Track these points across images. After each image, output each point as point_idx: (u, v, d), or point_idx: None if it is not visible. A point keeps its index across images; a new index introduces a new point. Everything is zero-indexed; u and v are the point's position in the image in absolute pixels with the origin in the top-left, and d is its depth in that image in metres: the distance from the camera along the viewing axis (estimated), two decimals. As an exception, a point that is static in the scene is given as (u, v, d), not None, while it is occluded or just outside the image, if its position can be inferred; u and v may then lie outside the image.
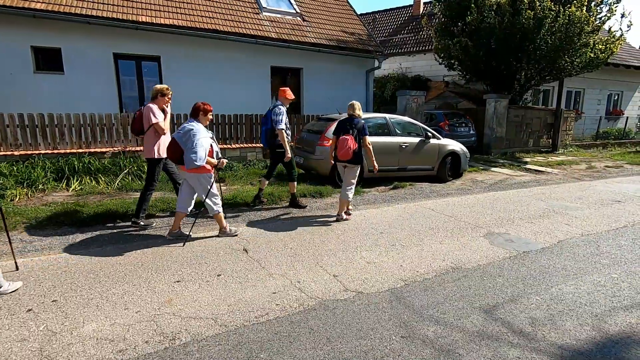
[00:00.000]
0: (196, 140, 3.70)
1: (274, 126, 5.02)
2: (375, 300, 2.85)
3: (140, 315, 2.58)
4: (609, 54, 11.09)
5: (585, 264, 3.61)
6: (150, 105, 4.34)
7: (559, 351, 2.27)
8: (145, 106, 4.37)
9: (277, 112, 5.03)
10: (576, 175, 8.91)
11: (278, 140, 5.07)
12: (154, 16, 8.49)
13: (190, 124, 3.87)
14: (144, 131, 4.33)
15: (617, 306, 2.82)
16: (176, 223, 4.11)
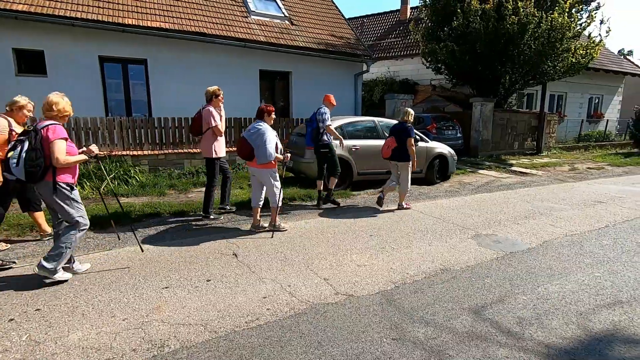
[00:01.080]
0: (266, 138, 4.19)
1: (320, 125, 5.47)
2: (365, 303, 2.86)
3: (128, 323, 2.53)
4: (590, 59, 11.42)
5: (569, 263, 3.69)
6: (210, 108, 4.68)
7: (546, 350, 2.31)
8: (204, 109, 4.69)
9: (322, 112, 5.53)
10: (560, 177, 9.13)
11: (323, 140, 5.53)
12: (141, 19, 8.39)
13: (258, 124, 4.34)
14: (202, 132, 4.67)
15: (600, 304, 2.89)
16: (255, 217, 4.57)
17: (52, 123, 2.94)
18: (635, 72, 20.29)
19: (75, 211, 3.06)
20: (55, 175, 2.93)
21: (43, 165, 2.84)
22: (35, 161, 2.80)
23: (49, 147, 2.86)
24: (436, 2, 11.98)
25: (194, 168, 7.81)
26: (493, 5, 10.37)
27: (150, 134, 7.77)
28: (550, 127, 14.56)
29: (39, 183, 2.93)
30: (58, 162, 2.87)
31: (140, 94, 9.16)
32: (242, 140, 4.33)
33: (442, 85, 15.13)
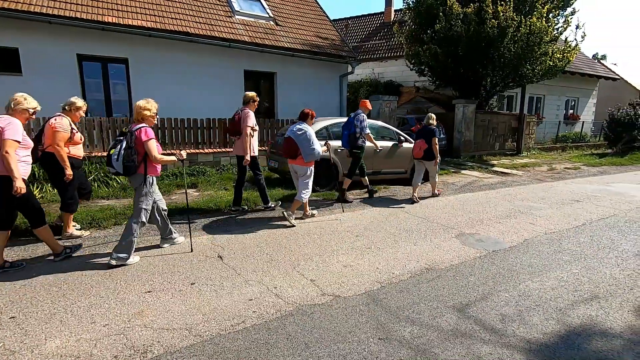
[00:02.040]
0: (313, 139, 4.76)
1: (359, 131, 5.92)
2: (352, 303, 2.87)
3: (109, 329, 2.46)
4: (566, 62, 11.82)
5: (549, 261, 3.80)
6: (248, 110, 5.06)
7: (528, 345, 2.37)
8: (242, 111, 5.06)
9: (360, 119, 5.98)
10: (539, 177, 9.39)
11: (358, 143, 5.93)
12: (122, 17, 8.20)
13: (302, 125, 4.85)
14: (240, 132, 5.01)
15: (578, 300, 2.98)
16: (294, 207, 4.95)
17: (143, 125, 3.49)
18: (608, 76, 21.12)
19: (144, 204, 3.56)
20: (147, 170, 3.49)
21: (136, 160, 3.39)
22: (130, 157, 3.36)
23: (142, 146, 3.42)
24: (419, 5, 12.17)
25: (177, 169, 7.67)
26: (474, 9, 10.61)
27: (132, 134, 7.58)
28: (530, 129, 14.97)
29: (133, 175, 3.49)
30: (156, 159, 3.48)
31: (122, 93, 8.95)
32: (289, 139, 4.81)
33: (425, 87, 15.36)
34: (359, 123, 5.93)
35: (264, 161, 8.47)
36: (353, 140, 5.95)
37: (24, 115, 3.35)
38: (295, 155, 4.81)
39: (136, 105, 3.60)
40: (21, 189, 3.06)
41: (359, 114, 6.06)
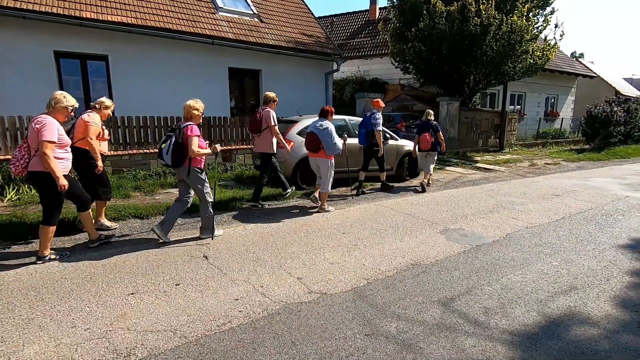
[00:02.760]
0: (334, 135, 5.24)
1: (373, 129, 6.30)
2: (339, 300, 2.88)
3: (90, 333, 2.40)
4: (546, 60, 12.10)
5: (530, 254, 3.90)
6: (269, 109, 5.34)
7: (510, 337, 2.43)
8: (264, 110, 5.36)
9: (376, 117, 6.36)
10: (520, 172, 9.62)
11: (375, 140, 6.37)
12: (101, 12, 7.97)
13: (324, 122, 5.33)
14: (261, 130, 5.33)
15: (558, 291, 3.07)
16: (324, 199, 5.45)
17: (190, 123, 3.92)
18: (586, 74, 21.76)
19: (203, 189, 4.05)
20: (191, 163, 3.89)
21: (183, 154, 3.82)
22: (180, 150, 3.80)
23: (187, 141, 3.80)
24: (403, 3, 12.25)
25: (160, 169, 7.53)
26: (457, 7, 10.74)
27: (113, 133, 7.40)
28: (512, 125, 15.30)
29: (179, 167, 3.92)
30: (193, 153, 3.85)
31: (101, 91, 8.69)
32: (312, 134, 5.30)
33: (410, 85, 15.51)
34: (375, 121, 6.34)
35: (249, 159, 8.42)
36: (370, 137, 6.40)
37: (63, 113, 3.51)
38: (318, 149, 5.28)
39: (186, 104, 4.06)
40: (64, 186, 3.33)
41: (374, 112, 6.46)
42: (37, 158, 3.29)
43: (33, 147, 3.33)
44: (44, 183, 3.36)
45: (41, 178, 3.34)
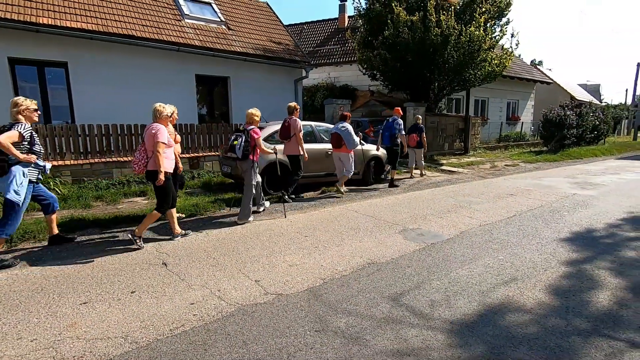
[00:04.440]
0: (352, 133, 6.79)
1: (397, 133, 7.69)
2: (294, 300, 2.96)
3: (37, 344, 2.37)
4: (503, 68, 12.81)
5: (479, 250, 4.14)
6: (295, 118, 6.24)
7: (450, 326, 2.60)
8: (290, 119, 6.23)
9: (399, 122, 7.76)
10: (482, 174, 10.09)
11: (396, 142, 7.73)
12: (59, 18, 7.77)
13: (344, 124, 6.82)
14: (290, 137, 6.21)
15: (499, 283, 3.29)
16: (342, 182, 6.98)
17: (253, 127, 5.14)
18: (543, 80, 23.11)
19: (253, 180, 5.20)
20: (254, 157, 5.12)
21: (249, 150, 4.99)
22: (247, 147, 4.98)
23: (254, 141, 5.04)
24: (369, 12, 12.64)
25: (124, 177, 7.38)
26: (419, 17, 11.21)
27: (73, 142, 7.20)
28: (475, 129, 15.99)
29: (245, 160, 5.05)
30: (262, 150, 5.27)
31: (61, 99, 8.45)
32: (336, 134, 6.78)
33: (380, 91, 15.92)
34: (398, 126, 7.67)
35: (217, 166, 8.39)
36: (393, 139, 7.72)
37: (167, 120, 4.43)
38: (340, 145, 6.74)
39: (248, 112, 5.23)
40: (162, 180, 4.01)
41: (396, 119, 7.79)
42: (153, 159, 4.08)
43: (150, 150, 4.12)
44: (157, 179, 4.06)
45: (156, 175, 4.04)
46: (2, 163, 3.52)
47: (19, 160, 3.57)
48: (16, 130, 3.56)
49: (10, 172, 3.56)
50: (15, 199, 3.53)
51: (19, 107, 3.72)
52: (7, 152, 3.45)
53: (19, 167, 3.61)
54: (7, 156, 3.52)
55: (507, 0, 12.41)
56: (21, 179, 3.61)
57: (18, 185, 3.55)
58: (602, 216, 5.56)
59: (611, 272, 3.52)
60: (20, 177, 3.60)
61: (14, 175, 3.55)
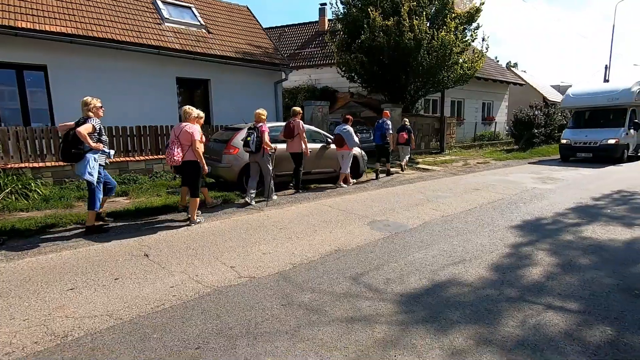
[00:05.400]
0: (353, 135, 7.81)
1: (386, 132, 9.11)
2: (264, 282, 3.30)
3: (28, 322, 2.63)
4: (474, 71, 13.46)
5: (437, 237, 4.57)
6: (299, 120, 7.09)
7: (400, 298, 2.98)
8: (294, 121, 7.03)
9: (388, 123, 9.20)
10: (454, 171, 10.63)
11: (387, 141, 9.15)
12: (38, 22, 7.88)
13: (346, 126, 7.85)
14: (294, 136, 6.96)
15: (449, 263, 3.71)
16: (342, 178, 8.05)
17: (262, 124, 6.17)
18: (516, 82, 24.09)
19: (270, 167, 6.33)
20: (263, 149, 6.12)
21: (261, 143, 6.02)
22: (259, 142, 6.02)
23: (262, 136, 6.04)
24: (347, 17, 13.09)
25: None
26: (394, 22, 11.71)
27: (54, 144, 7.32)
28: (451, 129, 16.66)
29: (257, 153, 6.10)
30: (267, 144, 6.13)
31: (40, 102, 8.53)
32: (339, 135, 7.77)
33: (359, 93, 16.39)
34: (387, 127, 9.11)
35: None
36: (383, 138, 9.15)
37: (196, 120, 5.29)
38: (342, 144, 7.74)
39: (256, 112, 6.26)
40: (206, 170, 5.22)
41: (385, 121, 9.24)
42: (190, 152, 4.98)
43: (186, 144, 4.99)
44: (193, 168, 5.05)
45: (192, 164, 5.03)
46: (78, 150, 4.41)
47: (90, 148, 4.45)
48: (90, 123, 4.48)
49: (85, 158, 4.44)
50: (90, 179, 4.48)
51: (89, 105, 4.61)
52: (83, 140, 4.35)
53: (90, 153, 4.49)
54: (82, 145, 4.39)
55: (476, 7, 13.07)
56: (93, 163, 4.53)
57: (91, 168, 4.47)
58: (553, 207, 6.10)
59: (547, 253, 3.99)
60: (92, 162, 4.51)
61: (88, 160, 4.45)
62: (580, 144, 12.53)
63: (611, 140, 11.88)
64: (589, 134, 12.53)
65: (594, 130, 12.54)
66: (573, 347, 2.33)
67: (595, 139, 12.18)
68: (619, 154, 11.96)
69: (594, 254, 3.95)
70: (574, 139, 12.71)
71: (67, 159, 4.52)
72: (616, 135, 11.95)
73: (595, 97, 12.95)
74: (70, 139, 4.42)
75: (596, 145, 12.12)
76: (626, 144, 12.24)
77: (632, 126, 12.39)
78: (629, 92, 12.21)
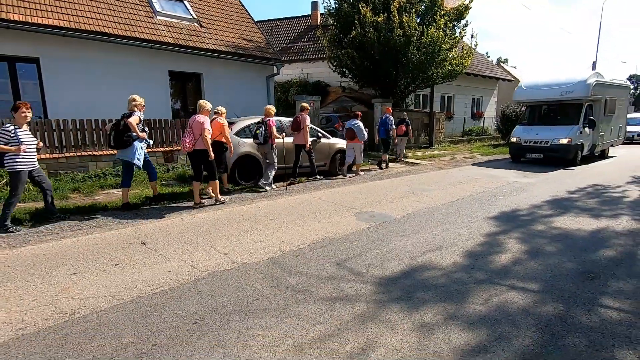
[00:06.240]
0: (362, 128, 8.78)
1: (389, 127, 10.16)
2: (256, 267, 3.56)
3: (37, 303, 2.85)
4: (462, 68, 13.76)
5: (419, 227, 4.87)
6: (305, 115, 7.57)
7: (379, 280, 3.27)
8: (301, 115, 7.57)
9: (391, 119, 10.24)
10: (441, 165, 10.97)
11: (390, 135, 10.22)
12: (30, 15, 7.91)
13: (356, 121, 8.82)
14: (300, 129, 7.48)
15: (427, 250, 4.01)
16: (355, 168, 9.03)
17: (269, 118, 6.86)
18: (505, 77, 24.52)
19: (274, 157, 7.04)
20: (272, 141, 6.87)
21: (269, 136, 6.75)
22: (266, 134, 6.74)
23: (270, 129, 6.76)
24: (339, 12, 13.25)
25: (100, 170, 7.68)
26: (384, 18, 11.91)
27: (48, 136, 7.43)
28: (440, 124, 16.99)
29: (265, 144, 6.80)
30: (274, 136, 6.87)
31: (33, 94, 8.57)
32: (350, 129, 8.71)
33: (351, 87, 16.60)
34: (390, 122, 10.17)
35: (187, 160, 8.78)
36: (387, 132, 10.19)
37: (207, 113, 5.91)
38: (353, 137, 8.70)
39: (266, 107, 7.07)
40: (213, 157, 5.71)
41: (388, 117, 10.23)
42: (200, 141, 5.57)
43: (198, 134, 5.58)
44: (203, 156, 5.66)
45: (202, 153, 5.64)
46: (128, 138, 5.24)
47: (137, 137, 5.32)
48: (137, 115, 5.39)
49: (133, 145, 5.33)
50: (138, 163, 5.43)
51: (135, 102, 5.54)
52: (132, 129, 5.22)
53: (137, 142, 5.37)
54: (131, 134, 5.22)
55: (465, 4, 13.33)
56: (140, 150, 5.43)
57: (139, 154, 5.40)
58: (530, 199, 6.46)
59: (518, 241, 4.32)
60: (139, 149, 5.42)
61: (136, 148, 5.35)
62: (530, 143, 11.07)
63: (563, 139, 10.47)
64: (540, 132, 11.07)
65: (546, 128, 11.12)
66: (527, 320, 2.65)
67: (547, 138, 10.76)
68: (571, 155, 10.58)
69: (560, 242, 4.29)
70: (524, 138, 11.26)
71: (118, 146, 5.33)
72: (569, 134, 10.51)
73: (547, 90, 11.31)
74: (121, 128, 5.25)
75: (547, 145, 10.72)
76: (580, 144, 10.78)
77: (587, 124, 10.79)
78: (585, 84, 10.62)
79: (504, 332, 2.50)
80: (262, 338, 2.41)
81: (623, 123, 13.98)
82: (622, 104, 13.46)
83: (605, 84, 11.74)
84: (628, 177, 8.84)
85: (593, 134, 11.32)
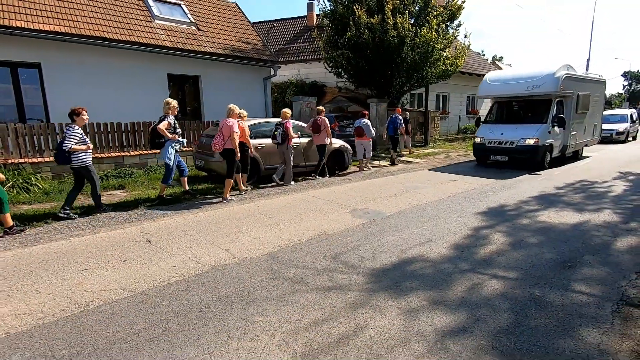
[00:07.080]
0: (371, 127, 9.44)
1: (397, 125, 11.12)
2: (255, 261, 3.80)
3: (54, 295, 3.08)
4: (456, 67, 14.02)
5: (410, 222, 5.11)
6: (323, 117, 8.29)
7: (370, 272, 3.52)
8: (319, 117, 8.25)
9: (400, 118, 11.19)
10: (435, 164, 11.21)
11: (397, 133, 11.24)
12: (32, 21, 8.11)
13: (364, 120, 9.41)
14: (320, 131, 8.21)
15: (417, 244, 4.26)
16: (367, 162, 9.95)
17: (287, 120, 7.41)
18: (499, 76, 24.79)
19: (291, 156, 7.61)
20: (288, 142, 7.43)
21: (286, 137, 7.31)
22: (285, 135, 7.31)
23: (287, 130, 7.32)
24: (334, 13, 13.47)
25: (103, 173, 7.89)
26: (378, 19, 12.14)
27: (52, 140, 7.64)
28: (435, 123, 17.26)
29: (283, 144, 7.37)
30: (292, 137, 7.48)
31: (35, 98, 8.78)
32: (359, 127, 9.35)
33: (347, 87, 16.83)
34: (399, 121, 11.11)
35: (190, 160, 9.00)
36: (395, 131, 11.16)
37: (237, 117, 6.49)
38: (362, 135, 9.37)
39: (282, 111, 7.59)
40: (239, 157, 6.41)
41: (397, 116, 11.22)
42: (229, 142, 6.21)
43: (227, 136, 6.19)
44: (231, 155, 6.29)
45: (230, 152, 6.28)
46: (160, 140, 6.02)
47: (168, 138, 6.00)
48: (167, 120, 5.99)
49: (165, 146, 6.05)
50: (169, 162, 6.10)
51: (169, 105, 6.14)
52: (162, 134, 5.92)
53: (169, 142, 6.06)
54: (163, 137, 5.96)
55: (458, 5, 13.58)
56: (171, 150, 6.14)
57: (170, 154, 6.08)
58: (518, 195, 6.71)
59: (503, 234, 4.58)
60: (170, 149, 6.12)
61: (167, 148, 6.05)
62: (495, 144, 9.88)
63: (530, 139, 9.29)
64: (506, 131, 9.87)
65: (511, 127, 9.91)
66: (504, 305, 2.89)
67: (512, 138, 9.56)
68: (539, 157, 9.37)
69: (543, 235, 4.54)
70: (488, 138, 10.05)
71: (153, 147, 6.23)
72: (535, 134, 9.32)
73: (514, 84, 10.05)
74: (155, 133, 6.00)
75: (512, 146, 9.53)
76: (549, 145, 9.59)
77: (557, 122, 9.48)
78: (553, 78, 9.41)
79: (482, 315, 2.75)
80: (262, 323, 2.65)
81: (598, 121, 12.80)
82: (597, 100, 12.27)
83: (577, 78, 10.57)
84: (609, 177, 9.11)
85: (564, 134, 10.13)
